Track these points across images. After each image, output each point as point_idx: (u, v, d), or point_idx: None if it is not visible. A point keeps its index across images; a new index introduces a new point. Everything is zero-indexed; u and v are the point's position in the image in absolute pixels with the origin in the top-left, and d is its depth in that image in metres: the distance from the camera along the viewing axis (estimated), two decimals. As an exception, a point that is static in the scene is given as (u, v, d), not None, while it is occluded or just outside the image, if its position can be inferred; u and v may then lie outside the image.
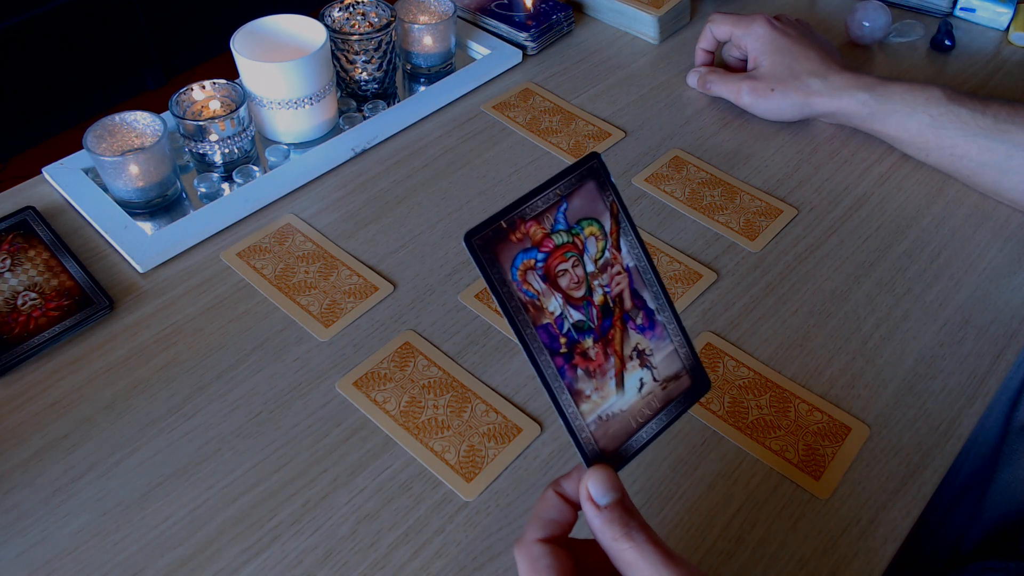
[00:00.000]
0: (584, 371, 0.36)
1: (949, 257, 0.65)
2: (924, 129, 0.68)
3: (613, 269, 0.37)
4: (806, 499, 0.51)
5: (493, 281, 0.34)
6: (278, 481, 0.51)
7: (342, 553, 0.48)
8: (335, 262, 0.64)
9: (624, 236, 0.37)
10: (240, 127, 0.69)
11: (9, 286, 0.60)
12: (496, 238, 0.34)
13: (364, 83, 0.78)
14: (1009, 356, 0.59)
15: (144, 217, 0.67)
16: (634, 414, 0.37)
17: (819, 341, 0.59)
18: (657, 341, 0.38)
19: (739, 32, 0.76)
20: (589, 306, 0.36)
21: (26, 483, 0.51)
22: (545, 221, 0.35)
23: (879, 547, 0.48)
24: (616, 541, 0.34)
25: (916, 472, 0.52)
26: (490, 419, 0.54)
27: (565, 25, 0.87)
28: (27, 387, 0.56)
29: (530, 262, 0.35)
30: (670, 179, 0.71)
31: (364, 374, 0.56)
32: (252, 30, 0.72)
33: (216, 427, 0.54)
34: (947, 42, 0.86)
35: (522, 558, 0.35)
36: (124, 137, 0.67)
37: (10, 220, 0.64)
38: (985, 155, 0.66)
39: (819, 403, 0.55)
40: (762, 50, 0.74)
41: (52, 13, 1.81)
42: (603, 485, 0.35)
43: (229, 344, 0.58)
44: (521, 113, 0.78)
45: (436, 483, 0.51)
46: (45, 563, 0.47)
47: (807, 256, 0.65)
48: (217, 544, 0.48)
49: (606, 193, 0.37)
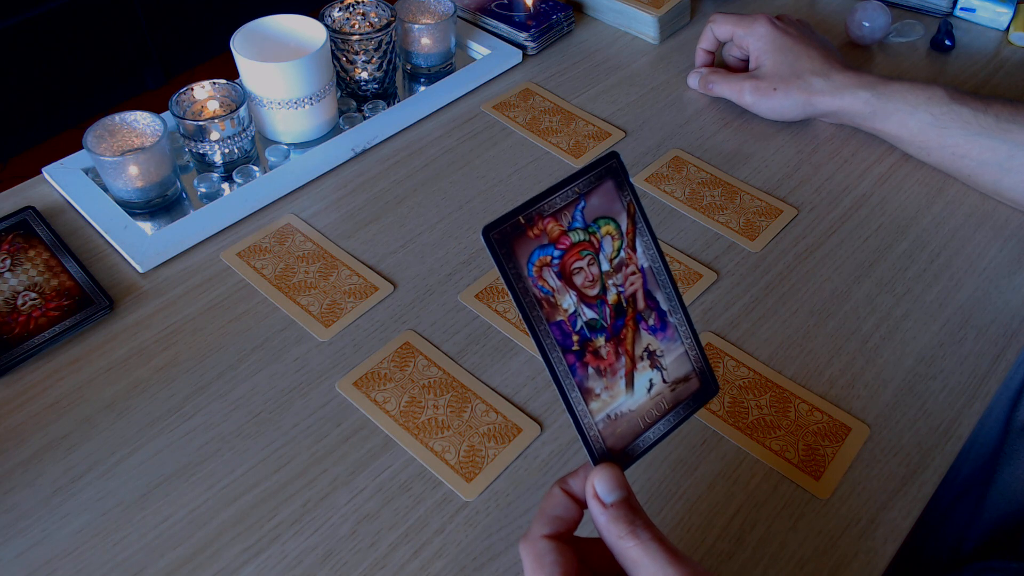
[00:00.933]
0: (595, 369, 0.36)
1: (949, 257, 0.65)
2: (926, 128, 0.68)
3: (628, 269, 0.37)
4: (806, 499, 0.51)
5: (509, 276, 0.34)
6: (278, 481, 0.51)
7: (342, 553, 0.48)
8: (335, 262, 0.64)
9: (640, 237, 0.37)
10: (240, 127, 0.69)
11: (9, 286, 0.60)
12: (514, 233, 0.34)
13: (364, 83, 0.78)
14: (1009, 356, 0.59)
15: (144, 217, 0.67)
16: (642, 414, 0.37)
17: (819, 341, 0.59)
18: (668, 343, 0.38)
19: (741, 32, 0.76)
20: (603, 305, 0.36)
21: (26, 483, 0.51)
22: (563, 218, 0.35)
23: (879, 547, 0.48)
24: (621, 539, 0.34)
25: (916, 472, 0.52)
26: (490, 419, 0.54)
27: (565, 25, 0.87)
28: (27, 387, 0.56)
29: (546, 259, 0.35)
30: (670, 179, 0.71)
31: (364, 374, 0.56)
32: (252, 30, 0.72)
33: (216, 427, 0.54)
34: (947, 42, 0.86)
35: (527, 554, 0.35)
36: (124, 137, 0.67)
37: (10, 220, 0.64)
38: (986, 154, 0.66)
39: (819, 403, 0.55)
40: (764, 49, 0.74)
41: (52, 13, 1.81)
42: (609, 483, 0.35)
43: (229, 344, 0.58)
44: (521, 113, 0.78)
45: (436, 483, 0.51)
46: (45, 563, 0.47)
47: (807, 256, 0.65)
48: (217, 544, 0.48)
49: (624, 193, 0.37)
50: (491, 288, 0.62)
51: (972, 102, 0.67)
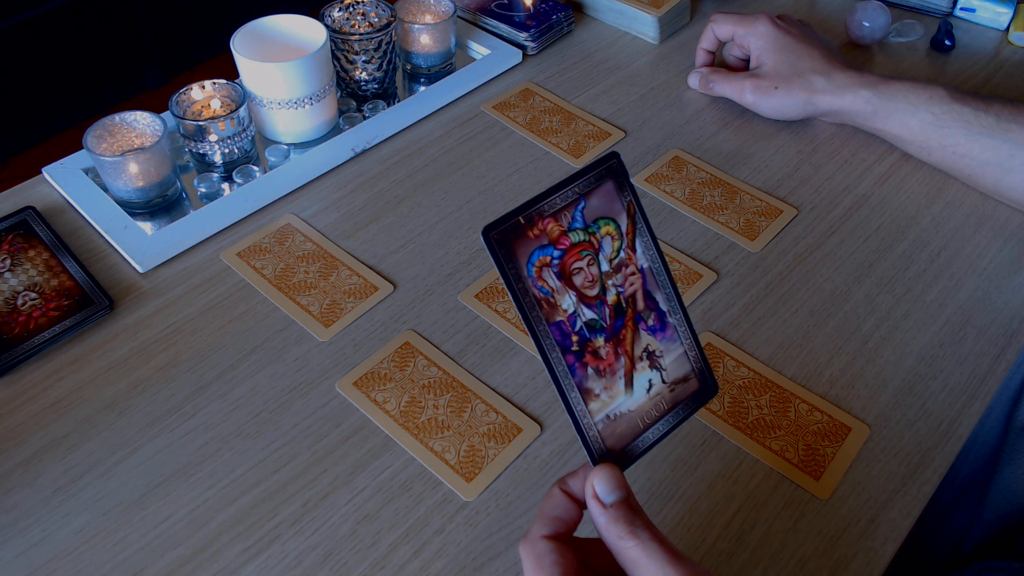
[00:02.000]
0: (594, 370, 0.36)
1: (949, 257, 0.65)
2: (926, 127, 0.68)
3: (627, 269, 0.37)
4: (806, 499, 0.51)
5: (509, 276, 0.34)
6: (278, 481, 0.51)
7: (342, 553, 0.48)
8: (335, 262, 0.64)
9: (640, 237, 0.37)
10: (240, 127, 0.69)
11: (9, 286, 0.60)
12: (514, 233, 0.34)
13: (364, 83, 0.78)
14: (1009, 356, 0.59)
15: (144, 217, 0.67)
16: (641, 415, 0.37)
17: (819, 341, 0.59)
18: (667, 343, 0.38)
19: (742, 31, 0.76)
20: (602, 305, 0.36)
21: (26, 483, 0.51)
22: (562, 219, 0.35)
23: (879, 547, 0.48)
24: (621, 539, 0.34)
25: (916, 472, 0.52)
26: (490, 419, 0.54)
27: (565, 25, 0.87)
28: (27, 387, 0.56)
29: (546, 259, 0.35)
30: (670, 179, 0.71)
31: (364, 374, 0.56)
32: (252, 30, 0.72)
33: (216, 427, 0.54)
34: (947, 42, 0.86)
35: (527, 555, 0.35)
36: (124, 137, 0.67)
37: (10, 220, 0.64)
38: (987, 154, 0.66)
39: (819, 403, 0.55)
40: (765, 48, 0.74)
41: (52, 13, 1.81)
42: (609, 483, 0.35)
43: (229, 344, 0.58)
44: (521, 113, 0.78)
45: (436, 483, 0.51)
46: (45, 563, 0.47)
47: (807, 256, 0.65)
48: (217, 544, 0.48)
49: (624, 193, 0.37)
50: (491, 288, 0.62)
51: (973, 102, 0.67)
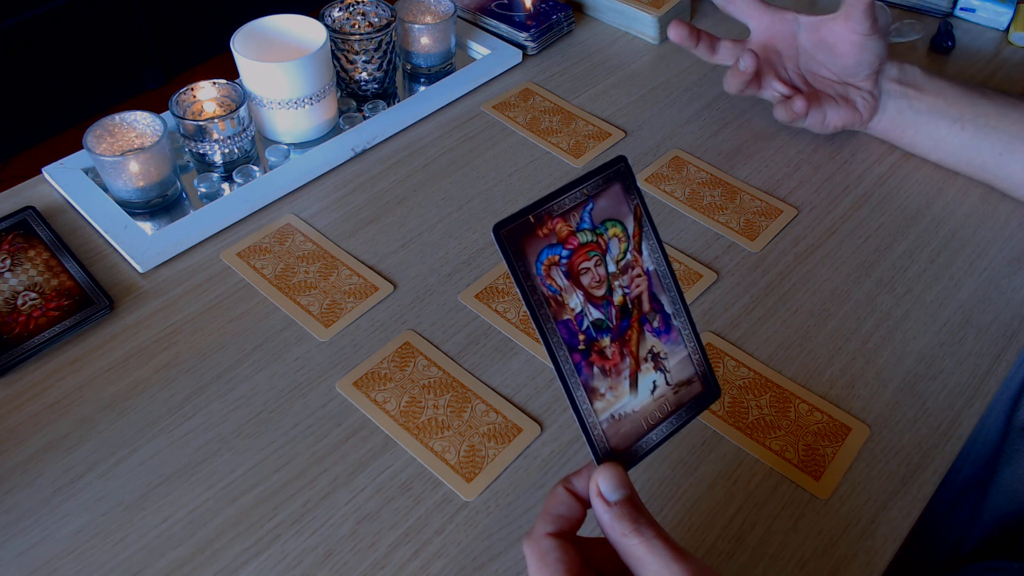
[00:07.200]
0: (600, 369, 0.36)
1: (949, 257, 0.65)
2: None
3: (633, 271, 0.38)
4: (806, 499, 0.51)
5: (518, 273, 0.35)
6: (278, 481, 0.51)
7: (342, 553, 0.48)
8: (335, 262, 0.64)
9: (646, 240, 0.38)
10: (240, 127, 0.69)
11: (9, 286, 0.60)
12: (523, 231, 0.35)
13: (364, 83, 0.78)
14: (1009, 356, 0.59)
15: (144, 217, 0.67)
16: (645, 416, 0.38)
17: (819, 341, 0.59)
18: (672, 345, 0.38)
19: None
20: (608, 306, 0.37)
21: (26, 483, 0.51)
22: (571, 219, 0.36)
23: (879, 547, 0.48)
24: (625, 536, 0.34)
25: (916, 472, 0.52)
26: (490, 419, 0.54)
27: (565, 25, 0.87)
28: (27, 387, 0.56)
29: (554, 258, 0.36)
30: (670, 179, 0.71)
31: (364, 374, 0.56)
32: (252, 30, 0.72)
33: (216, 427, 0.54)
34: (947, 42, 0.86)
35: (531, 552, 0.35)
36: (124, 137, 0.67)
37: (10, 220, 0.64)
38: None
39: (819, 403, 0.55)
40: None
41: (52, 13, 1.81)
42: (613, 482, 0.35)
43: (229, 344, 0.58)
44: (521, 113, 0.78)
45: (436, 483, 0.51)
46: (45, 563, 0.47)
47: (807, 256, 0.65)
48: (217, 544, 0.48)
49: (631, 196, 0.37)
50: (491, 288, 0.62)
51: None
